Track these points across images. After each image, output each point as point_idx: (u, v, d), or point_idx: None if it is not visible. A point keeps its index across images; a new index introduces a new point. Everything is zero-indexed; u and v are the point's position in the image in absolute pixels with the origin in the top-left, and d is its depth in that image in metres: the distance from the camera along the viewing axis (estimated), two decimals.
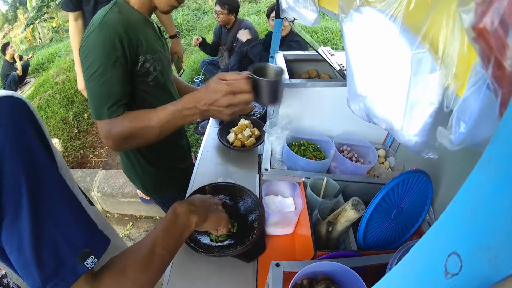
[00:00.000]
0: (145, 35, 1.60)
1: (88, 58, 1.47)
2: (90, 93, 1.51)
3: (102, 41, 1.45)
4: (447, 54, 0.62)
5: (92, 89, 1.49)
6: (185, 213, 1.16)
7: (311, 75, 2.43)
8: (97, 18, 1.49)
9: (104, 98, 1.49)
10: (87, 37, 1.48)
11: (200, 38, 5.27)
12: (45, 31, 13.89)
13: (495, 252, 0.28)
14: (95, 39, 1.45)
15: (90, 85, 1.49)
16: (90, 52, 1.46)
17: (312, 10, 1.52)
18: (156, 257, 0.99)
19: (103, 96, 1.49)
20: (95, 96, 1.49)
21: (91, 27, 1.48)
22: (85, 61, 1.48)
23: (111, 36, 1.45)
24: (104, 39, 1.45)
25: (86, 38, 1.48)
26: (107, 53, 1.45)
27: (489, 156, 0.28)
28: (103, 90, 1.48)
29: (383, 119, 0.88)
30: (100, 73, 1.46)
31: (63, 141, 5.32)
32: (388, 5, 0.76)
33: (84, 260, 0.78)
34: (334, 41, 7.15)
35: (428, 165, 1.48)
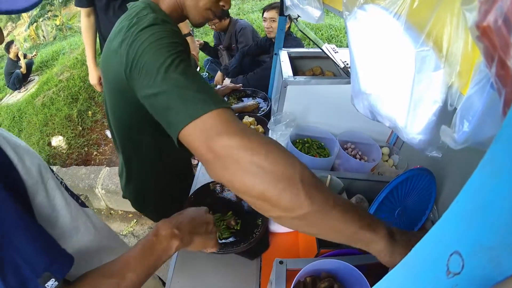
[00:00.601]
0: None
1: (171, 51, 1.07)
2: (199, 86, 1.01)
3: (172, 33, 1.14)
4: (451, 52, 0.62)
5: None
6: (166, 237, 1.06)
7: (315, 72, 2.42)
8: (146, 18, 1.18)
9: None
10: (143, 29, 1.12)
11: (202, 42, 5.27)
12: (48, 29, 13.90)
13: (497, 252, 0.28)
14: (162, 30, 1.12)
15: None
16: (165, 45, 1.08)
17: (316, 7, 1.51)
18: (126, 282, 0.94)
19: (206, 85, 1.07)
20: (208, 89, 1.02)
21: (142, 24, 1.14)
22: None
23: (173, 30, 1.18)
24: (172, 30, 1.16)
25: (143, 31, 1.11)
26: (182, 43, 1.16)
27: (492, 155, 0.28)
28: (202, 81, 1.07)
29: (387, 117, 0.88)
30: (194, 70, 1.09)
31: (67, 138, 5.33)
32: (392, 3, 0.76)
33: (45, 282, 0.78)
34: (338, 38, 7.13)
35: (432, 164, 1.48)
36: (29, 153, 0.89)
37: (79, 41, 9.34)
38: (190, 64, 1.08)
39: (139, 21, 1.16)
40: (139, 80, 1.07)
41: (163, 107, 0.99)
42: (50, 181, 0.95)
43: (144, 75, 1.05)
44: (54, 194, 0.95)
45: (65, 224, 0.99)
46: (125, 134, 1.53)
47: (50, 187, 0.95)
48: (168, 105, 0.97)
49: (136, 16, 1.20)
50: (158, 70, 1.00)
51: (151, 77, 1.01)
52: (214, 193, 1.77)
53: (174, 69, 1.00)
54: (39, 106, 6.13)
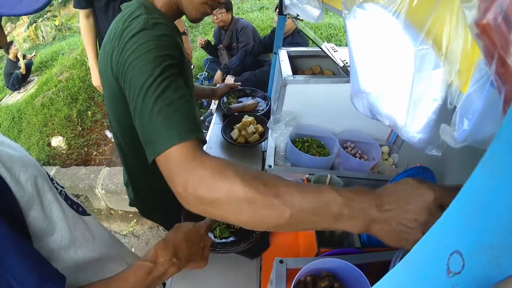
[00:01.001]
0: (181, 40, 1.38)
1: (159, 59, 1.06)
2: (170, 114, 1.00)
3: (162, 41, 1.12)
4: (450, 50, 0.62)
5: (180, 110, 1.02)
6: (164, 265, 1.06)
7: (315, 71, 2.42)
8: (136, 21, 1.16)
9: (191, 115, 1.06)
10: (132, 36, 1.11)
11: (205, 40, 5.25)
12: (48, 29, 13.88)
13: (498, 251, 0.27)
14: (151, 39, 1.10)
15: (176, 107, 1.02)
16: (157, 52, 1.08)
17: (315, 6, 1.51)
18: None
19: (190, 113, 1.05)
20: (180, 113, 1.01)
21: (132, 29, 1.13)
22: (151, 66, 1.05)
23: (165, 36, 1.15)
24: (163, 37, 1.14)
25: (132, 39, 1.10)
26: (177, 48, 1.17)
27: (492, 154, 0.28)
28: (188, 108, 1.05)
29: (386, 116, 0.88)
30: (174, 87, 1.06)
31: (67, 138, 5.33)
32: (391, 1, 0.76)
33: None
34: (337, 37, 7.13)
35: (432, 162, 1.47)
36: (25, 164, 0.88)
37: (78, 41, 9.34)
38: (176, 79, 1.08)
39: (130, 25, 1.16)
40: (126, 91, 1.11)
41: (140, 128, 1.05)
42: (47, 194, 0.94)
43: (129, 89, 1.08)
44: (50, 207, 0.95)
45: (62, 236, 0.98)
46: (126, 134, 1.52)
47: (47, 200, 0.94)
48: (143, 131, 1.03)
49: (128, 19, 1.19)
50: (140, 89, 1.03)
51: (134, 94, 1.05)
52: None
53: (153, 91, 1.01)
54: (39, 107, 6.13)
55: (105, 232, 1.27)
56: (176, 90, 1.05)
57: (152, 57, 1.06)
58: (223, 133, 2.29)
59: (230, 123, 2.41)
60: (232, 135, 2.30)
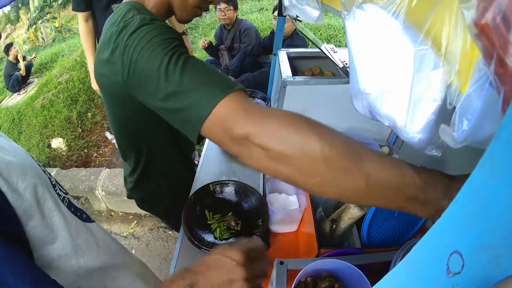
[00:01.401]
0: None
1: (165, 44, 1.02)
2: (202, 77, 0.97)
3: (164, 29, 1.09)
4: (450, 51, 0.62)
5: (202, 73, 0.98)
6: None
7: (314, 72, 2.42)
8: (132, 21, 1.12)
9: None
10: (132, 33, 1.07)
11: (208, 41, 5.25)
12: (47, 31, 13.90)
13: (498, 251, 0.27)
14: (153, 29, 1.07)
15: (197, 70, 0.98)
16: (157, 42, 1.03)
17: (315, 7, 1.51)
18: None
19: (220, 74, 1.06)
20: (212, 75, 0.98)
21: (130, 28, 1.09)
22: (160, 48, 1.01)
23: (165, 26, 1.13)
24: (163, 27, 1.11)
25: (132, 35, 1.07)
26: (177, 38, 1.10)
27: (491, 154, 0.28)
28: (217, 72, 1.05)
29: (386, 116, 0.88)
30: (194, 60, 1.04)
31: (67, 140, 5.33)
32: (391, 2, 0.76)
33: None
34: (337, 38, 7.13)
35: (432, 162, 1.47)
36: (24, 172, 0.85)
37: (78, 43, 9.35)
38: (189, 54, 1.03)
39: (126, 25, 1.12)
40: (141, 87, 1.04)
41: (175, 109, 0.97)
42: (48, 203, 0.92)
43: (145, 81, 1.01)
44: (51, 216, 0.93)
45: (64, 245, 0.96)
46: (128, 136, 1.52)
47: (48, 209, 0.92)
48: (180, 107, 0.95)
49: (122, 21, 1.15)
50: (159, 73, 0.97)
51: (153, 82, 0.98)
52: (214, 194, 1.77)
53: (174, 67, 0.96)
54: (39, 108, 6.14)
55: (109, 239, 1.26)
56: (196, 62, 1.01)
57: (159, 41, 1.02)
58: None
59: None
60: None
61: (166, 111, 1.00)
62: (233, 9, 4.81)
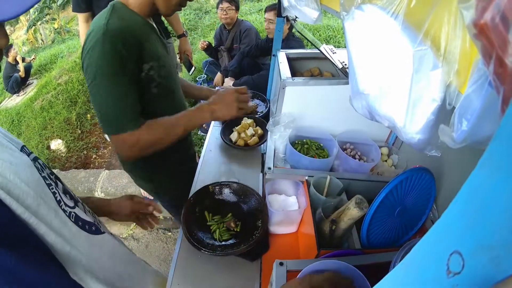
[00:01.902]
0: (148, 42, 1.56)
1: (97, 72, 1.42)
2: (106, 108, 1.47)
3: (110, 52, 1.40)
4: (449, 51, 0.62)
5: (108, 103, 1.46)
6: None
7: (314, 73, 2.42)
8: (97, 27, 1.42)
9: (125, 110, 1.48)
10: (90, 50, 1.42)
11: (207, 42, 5.24)
12: (47, 32, 13.88)
13: (497, 251, 0.27)
14: (101, 51, 1.39)
15: (105, 100, 1.46)
16: (98, 66, 1.41)
17: (314, 8, 1.51)
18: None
19: (123, 109, 1.48)
20: (114, 110, 1.46)
21: (93, 38, 1.41)
22: (94, 76, 1.43)
23: (118, 47, 1.40)
24: (113, 50, 1.40)
25: (89, 51, 1.43)
26: (118, 64, 1.42)
27: (491, 154, 0.28)
28: (123, 102, 1.47)
29: (385, 117, 0.88)
30: (115, 86, 1.44)
31: (66, 141, 5.33)
32: (390, 3, 0.76)
33: None
34: (336, 39, 7.13)
35: (431, 163, 1.47)
36: (25, 193, 0.83)
37: (77, 44, 9.34)
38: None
39: (89, 36, 1.48)
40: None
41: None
42: (54, 222, 0.91)
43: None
44: (60, 232, 0.93)
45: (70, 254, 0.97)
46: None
47: (56, 226, 0.92)
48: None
49: (94, 23, 1.50)
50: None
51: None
52: (214, 195, 1.77)
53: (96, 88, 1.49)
54: (38, 110, 6.13)
55: (120, 249, 1.28)
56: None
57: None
58: (222, 136, 2.29)
59: (229, 125, 2.40)
60: (231, 137, 2.30)
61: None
62: (235, 9, 4.82)
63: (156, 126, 1.59)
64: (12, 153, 0.86)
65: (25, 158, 0.90)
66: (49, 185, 0.94)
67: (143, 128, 1.54)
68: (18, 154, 0.88)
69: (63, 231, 0.93)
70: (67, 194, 1.06)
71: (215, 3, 10.45)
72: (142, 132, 1.54)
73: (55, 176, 1.08)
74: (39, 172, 0.92)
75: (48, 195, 0.92)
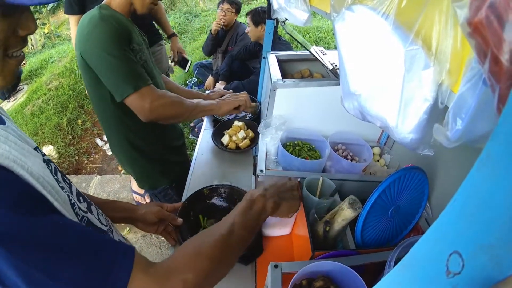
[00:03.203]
0: (133, 32, 1.80)
1: (103, 46, 1.63)
2: (118, 71, 1.66)
3: (111, 29, 1.64)
4: (440, 50, 0.62)
5: (120, 68, 1.66)
6: (259, 199, 1.19)
7: (304, 74, 2.43)
8: (92, 16, 1.67)
9: (136, 70, 1.71)
10: (91, 31, 1.64)
11: (221, 27, 5.04)
12: (37, 37, 13.79)
13: (497, 250, 0.27)
14: (102, 30, 1.63)
15: (115, 67, 1.65)
16: (103, 41, 1.63)
17: (304, 9, 1.51)
18: (234, 236, 1.02)
19: (135, 69, 1.71)
20: (126, 71, 1.67)
21: (90, 24, 1.65)
22: (100, 50, 1.63)
23: (115, 25, 1.65)
24: (112, 27, 1.64)
25: (90, 33, 1.65)
26: (118, 37, 1.66)
27: (489, 153, 0.28)
28: (131, 64, 1.69)
29: (377, 117, 0.88)
30: (122, 52, 1.66)
31: (58, 147, 5.29)
32: (380, 3, 0.76)
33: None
34: (326, 40, 7.16)
35: (424, 162, 1.48)
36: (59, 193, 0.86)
37: (67, 49, 9.28)
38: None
39: (85, 24, 1.69)
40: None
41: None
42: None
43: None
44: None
45: None
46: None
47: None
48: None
49: (86, 17, 1.73)
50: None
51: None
52: (208, 199, 1.77)
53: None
54: (29, 116, 6.08)
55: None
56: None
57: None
58: (213, 139, 2.28)
59: (220, 128, 2.40)
60: (222, 140, 2.30)
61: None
62: (234, 12, 4.79)
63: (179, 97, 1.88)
64: (25, 153, 0.84)
65: (38, 159, 0.89)
66: (62, 188, 0.93)
67: (156, 88, 1.79)
68: (32, 155, 0.88)
69: None
70: (80, 196, 1.07)
71: (205, 7, 10.42)
72: (158, 90, 1.78)
73: (67, 179, 1.08)
74: (52, 174, 0.92)
75: (63, 197, 0.91)
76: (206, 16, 10.32)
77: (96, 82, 1.78)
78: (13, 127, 0.92)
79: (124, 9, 1.79)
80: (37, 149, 0.94)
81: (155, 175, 2.23)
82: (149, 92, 1.73)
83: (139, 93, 1.69)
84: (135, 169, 2.22)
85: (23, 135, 0.95)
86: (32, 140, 1.00)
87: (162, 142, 2.17)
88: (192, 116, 1.95)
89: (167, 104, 1.78)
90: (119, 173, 4.71)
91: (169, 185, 2.28)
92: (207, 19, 10.05)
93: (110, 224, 1.25)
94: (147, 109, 1.71)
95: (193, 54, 7.65)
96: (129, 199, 3.92)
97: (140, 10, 1.83)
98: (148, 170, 2.20)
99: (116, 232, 1.27)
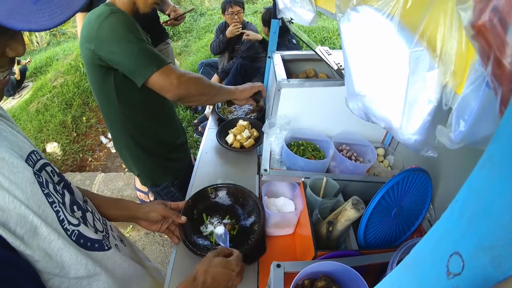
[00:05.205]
0: (138, 27, 1.82)
1: (118, 34, 1.68)
2: (138, 54, 1.70)
3: (122, 19, 1.70)
4: (445, 52, 0.62)
5: (139, 50, 1.70)
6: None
7: (309, 74, 2.43)
8: (101, 12, 1.71)
9: (154, 53, 1.76)
10: (102, 24, 1.67)
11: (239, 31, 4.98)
12: (42, 34, 13.82)
13: (498, 251, 0.27)
14: (113, 21, 1.68)
15: (136, 48, 1.70)
16: (117, 30, 1.68)
17: (309, 9, 1.51)
18: None
19: (153, 52, 1.76)
20: (145, 54, 1.73)
21: (99, 19, 1.68)
22: (116, 39, 1.68)
23: (124, 17, 1.71)
24: (122, 18, 1.70)
25: (101, 27, 1.67)
26: (129, 25, 1.71)
27: (491, 154, 0.28)
28: (149, 49, 1.75)
29: (381, 118, 0.88)
30: (140, 39, 1.72)
31: (62, 144, 5.31)
32: (385, 4, 0.76)
33: None
34: (331, 40, 7.16)
35: (427, 163, 1.48)
36: (21, 215, 0.82)
37: (72, 46, 9.31)
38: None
39: (94, 19, 1.70)
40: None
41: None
42: (54, 243, 0.90)
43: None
44: (60, 254, 0.92)
45: (78, 277, 0.97)
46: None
47: (55, 248, 0.90)
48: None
49: (93, 13, 1.74)
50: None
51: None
52: (212, 198, 1.77)
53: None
54: (33, 113, 6.11)
55: (125, 264, 1.25)
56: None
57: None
58: (218, 138, 2.28)
59: (225, 127, 2.40)
60: (227, 140, 2.30)
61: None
62: (243, 12, 4.81)
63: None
64: (13, 169, 0.83)
65: (28, 173, 0.87)
66: (52, 203, 0.91)
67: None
68: (21, 168, 0.86)
69: (62, 253, 0.92)
70: (75, 205, 1.05)
71: (210, 5, 10.40)
72: (186, 70, 1.88)
73: (64, 184, 1.07)
74: (42, 188, 0.90)
75: (48, 215, 0.89)
76: (211, 15, 10.31)
77: (102, 78, 1.81)
78: (7, 131, 0.92)
79: (128, 8, 1.82)
80: (30, 156, 0.94)
81: (157, 172, 2.26)
82: (172, 69, 1.77)
83: (162, 71, 1.74)
84: (137, 166, 2.23)
85: (18, 140, 0.94)
86: (32, 142, 1.00)
87: (164, 139, 2.20)
88: (216, 97, 2.04)
89: (192, 80, 1.84)
90: (123, 170, 4.72)
91: (172, 183, 2.31)
92: (212, 18, 10.05)
93: (107, 227, 1.25)
94: (175, 85, 1.76)
95: (198, 53, 7.65)
96: (133, 197, 3.93)
97: (143, 9, 1.87)
98: (151, 167, 2.23)
99: (112, 237, 1.26)
